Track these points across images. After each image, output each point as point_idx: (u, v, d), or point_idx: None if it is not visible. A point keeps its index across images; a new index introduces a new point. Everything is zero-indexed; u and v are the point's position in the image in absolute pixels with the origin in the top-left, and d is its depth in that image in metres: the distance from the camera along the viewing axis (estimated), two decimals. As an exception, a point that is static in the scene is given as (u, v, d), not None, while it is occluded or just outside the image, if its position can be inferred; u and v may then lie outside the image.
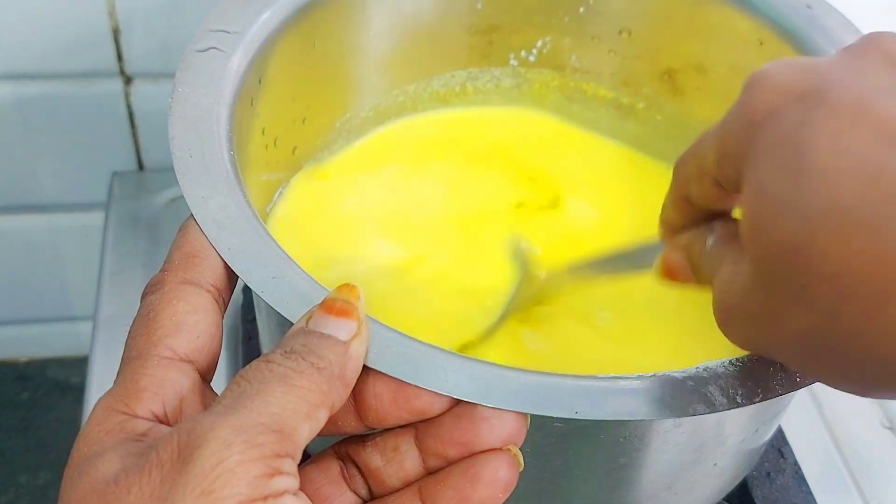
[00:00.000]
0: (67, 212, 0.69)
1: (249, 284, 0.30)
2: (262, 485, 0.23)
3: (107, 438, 0.25)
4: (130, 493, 0.23)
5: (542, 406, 0.28)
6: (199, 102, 0.35)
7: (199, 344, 0.28)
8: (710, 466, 0.37)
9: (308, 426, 0.24)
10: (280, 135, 0.43)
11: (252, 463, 0.22)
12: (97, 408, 0.26)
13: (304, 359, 0.25)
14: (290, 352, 0.26)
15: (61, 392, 0.80)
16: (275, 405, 0.24)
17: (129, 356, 0.27)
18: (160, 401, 0.26)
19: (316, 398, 0.25)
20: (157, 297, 0.28)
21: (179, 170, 0.32)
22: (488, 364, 0.29)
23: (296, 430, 0.24)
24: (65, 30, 0.58)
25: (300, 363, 0.25)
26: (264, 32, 0.39)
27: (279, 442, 0.23)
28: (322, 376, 0.25)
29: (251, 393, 0.24)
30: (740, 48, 0.46)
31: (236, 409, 0.23)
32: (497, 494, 0.27)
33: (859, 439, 0.52)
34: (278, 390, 0.24)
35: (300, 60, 0.43)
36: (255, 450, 0.23)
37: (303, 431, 0.24)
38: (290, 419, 0.24)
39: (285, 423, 0.24)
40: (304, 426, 0.24)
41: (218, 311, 0.29)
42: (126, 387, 0.26)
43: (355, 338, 0.27)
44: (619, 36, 0.50)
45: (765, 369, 0.30)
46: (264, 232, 0.31)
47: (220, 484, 0.22)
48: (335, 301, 0.27)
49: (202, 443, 0.22)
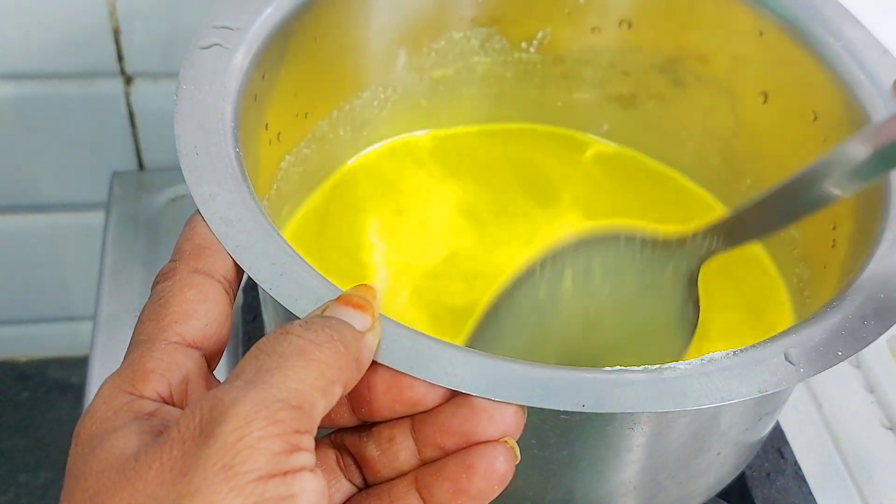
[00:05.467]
0: (67, 212, 0.69)
1: (258, 281, 0.30)
2: (283, 461, 0.23)
3: (115, 417, 0.25)
4: (151, 468, 0.23)
5: (548, 399, 0.28)
6: (204, 99, 0.35)
7: (207, 331, 0.28)
8: (714, 456, 0.37)
9: (324, 402, 0.25)
10: (283, 130, 0.44)
11: (272, 439, 0.23)
12: (104, 388, 0.26)
13: (323, 331, 0.25)
14: (309, 323, 0.26)
15: (61, 392, 0.80)
16: (294, 380, 0.24)
17: (137, 340, 0.27)
18: (166, 383, 0.26)
19: (333, 373, 0.25)
20: (169, 285, 0.28)
21: (186, 167, 0.32)
22: (495, 358, 0.29)
23: (314, 406, 0.24)
24: (65, 30, 0.58)
25: (319, 335, 0.25)
26: (267, 28, 0.39)
27: (298, 418, 0.23)
28: (339, 352, 0.25)
29: (271, 366, 0.24)
30: (740, 39, 0.47)
31: (256, 384, 0.24)
32: (493, 486, 0.27)
33: (859, 439, 0.52)
34: (297, 364, 0.24)
35: (302, 55, 0.43)
36: (276, 426, 0.23)
37: (319, 407, 0.24)
38: (308, 395, 0.24)
39: (304, 398, 0.24)
40: (321, 402, 0.24)
41: (227, 301, 0.29)
42: (133, 368, 0.26)
43: (370, 331, 0.27)
44: (619, 27, 0.50)
45: (768, 360, 0.30)
46: (272, 229, 0.32)
47: (240, 459, 0.22)
48: (352, 296, 0.28)
49: (223, 419, 0.23)
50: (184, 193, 0.60)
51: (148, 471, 0.23)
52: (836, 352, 0.31)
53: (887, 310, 0.32)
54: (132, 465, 0.23)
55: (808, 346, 0.31)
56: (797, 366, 0.30)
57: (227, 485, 0.22)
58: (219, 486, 0.22)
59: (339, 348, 0.25)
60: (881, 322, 0.32)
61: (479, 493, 0.27)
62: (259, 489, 0.22)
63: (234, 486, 0.22)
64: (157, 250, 0.58)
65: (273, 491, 0.22)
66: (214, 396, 0.23)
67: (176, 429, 0.23)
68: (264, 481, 0.22)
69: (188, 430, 0.23)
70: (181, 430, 0.23)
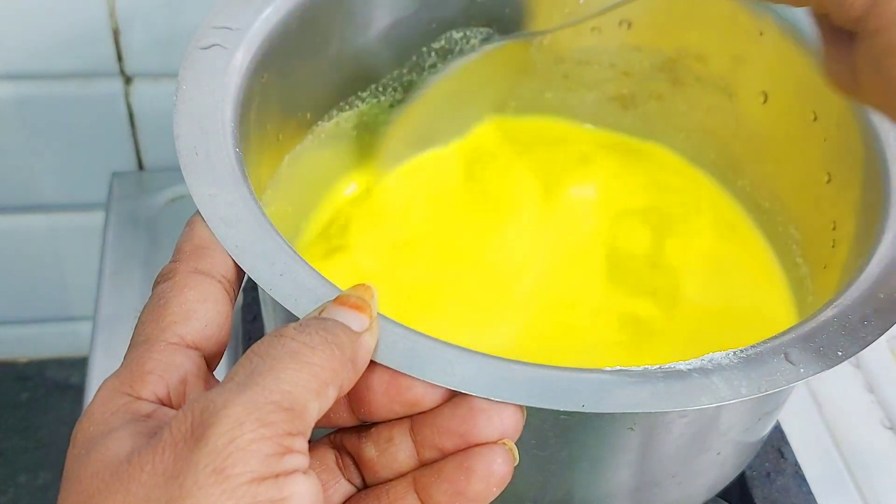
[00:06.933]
0: (67, 212, 0.69)
1: (257, 282, 0.30)
2: (274, 463, 0.23)
3: (112, 419, 0.25)
4: (144, 470, 0.23)
5: (549, 399, 0.28)
6: (204, 100, 0.35)
7: (207, 332, 0.28)
8: (714, 455, 0.37)
9: (318, 404, 0.25)
10: (282, 131, 0.44)
11: (264, 441, 0.23)
12: (102, 389, 0.26)
13: (317, 333, 0.25)
14: (303, 326, 0.26)
15: (61, 392, 0.80)
16: (287, 382, 0.24)
17: (136, 340, 0.27)
18: (164, 384, 0.26)
19: (327, 375, 0.25)
20: (169, 286, 0.28)
21: (186, 168, 0.32)
22: (495, 358, 0.29)
23: (306, 408, 0.24)
24: (65, 30, 0.58)
25: (313, 337, 0.25)
26: (266, 28, 0.39)
27: (290, 420, 0.23)
28: (333, 354, 0.25)
29: (263, 369, 0.24)
30: (740, 39, 0.47)
31: (248, 387, 0.23)
32: (491, 488, 0.27)
33: (859, 439, 0.52)
34: (290, 367, 0.24)
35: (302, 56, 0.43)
36: (267, 428, 0.23)
37: (312, 409, 0.24)
38: (300, 397, 0.24)
39: (296, 400, 0.24)
40: (314, 404, 0.24)
41: (228, 301, 0.29)
42: (132, 369, 0.26)
43: (367, 331, 0.27)
44: (618, 27, 0.50)
45: (768, 360, 0.30)
46: (271, 229, 0.32)
47: (231, 462, 0.22)
48: (349, 297, 0.28)
49: (215, 421, 0.23)
50: (184, 193, 0.60)
51: (140, 473, 0.23)
52: (837, 352, 0.31)
53: (887, 310, 0.32)
54: (125, 467, 0.23)
55: (808, 346, 0.31)
56: (797, 366, 0.30)
57: (218, 487, 0.22)
58: (210, 488, 0.22)
59: (334, 350, 0.25)
60: (881, 322, 0.32)
61: (478, 495, 0.27)
62: (251, 492, 0.22)
63: (226, 488, 0.22)
64: (156, 250, 0.58)
65: (265, 494, 0.22)
66: (206, 399, 0.23)
67: (168, 431, 0.23)
68: (256, 484, 0.22)
69: (180, 432, 0.23)
70: (173, 432, 0.23)
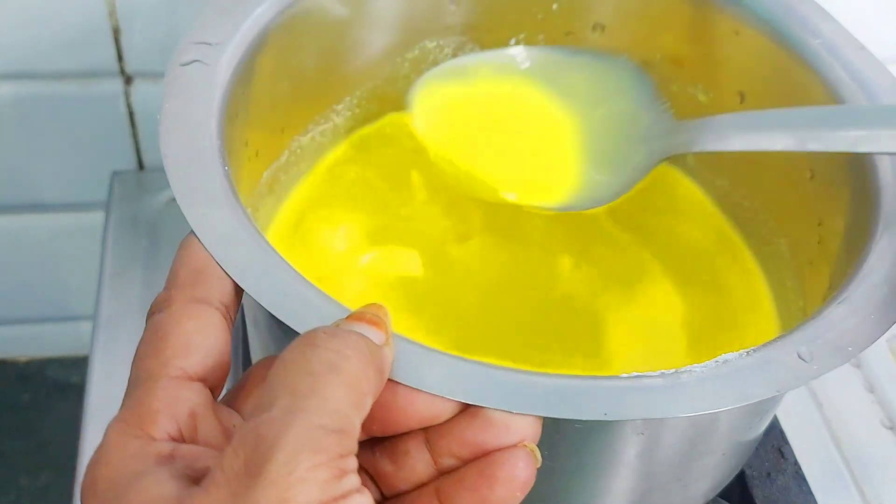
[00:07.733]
0: (67, 212, 0.69)
1: (261, 303, 0.29)
2: (333, 487, 0.23)
3: (133, 463, 0.25)
4: None
5: (570, 410, 0.28)
6: (189, 117, 0.34)
7: (209, 363, 0.27)
8: (719, 456, 0.37)
9: (360, 417, 0.25)
10: (261, 146, 0.43)
11: (321, 468, 0.23)
12: (111, 431, 0.26)
13: (348, 340, 0.25)
14: (333, 333, 0.26)
15: (61, 392, 0.80)
16: (332, 401, 0.24)
17: (138, 377, 0.27)
18: (174, 421, 0.26)
19: (364, 386, 0.25)
20: (165, 316, 0.28)
21: (177, 189, 0.32)
22: (510, 370, 0.28)
23: (353, 426, 0.24)
24: (65, 30, 0.58)
25: (346, 342, 0.25)
26: (245, 43, 0.38)
27: (341, 442, 0.24)
28: (367, 362, 0.25)
29: (305, 390, 0.24)
30: (716, 39, 0.46)
31: (296, 414, 0.23)
32: (515, 493, 0.27)
33: (859, 439, 0.52)
34: (331, 383, 0.24)
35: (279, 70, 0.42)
36: (321, 454, 0.23)
37: (357, 424, 0.25)
38: (347, 415, 0.24)
39: (344, 421, 0.24)
40: (358, 418, 0.25)
41: (227, 329, 0.28)
42: (139, 410, 0.26)
43: (386, 345, 0.27)
44: (592, 31, 0.49)
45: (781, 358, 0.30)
46: (268, 247, 0.31)
47: (293, 493, 0.22)
48: (364, 313, 0.27)
49: (271, 455, 0.23)
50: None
51: None
52: (847, 347, 0.31)
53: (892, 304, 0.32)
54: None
55: (818, 343, 0.31)
56: (811, 363, 0.30)
57: None
58: None
59: (366, 357, 0.25)
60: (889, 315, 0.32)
61: (502, 501, 0.27)
62: None
63: None
64: (157, 250, 0.57)
65: None
66: (255, 433, 0.23)
67: (220, 471, 0.23)
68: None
69: (233, 470, 0.23)
70: (226, 470, 0.23)
